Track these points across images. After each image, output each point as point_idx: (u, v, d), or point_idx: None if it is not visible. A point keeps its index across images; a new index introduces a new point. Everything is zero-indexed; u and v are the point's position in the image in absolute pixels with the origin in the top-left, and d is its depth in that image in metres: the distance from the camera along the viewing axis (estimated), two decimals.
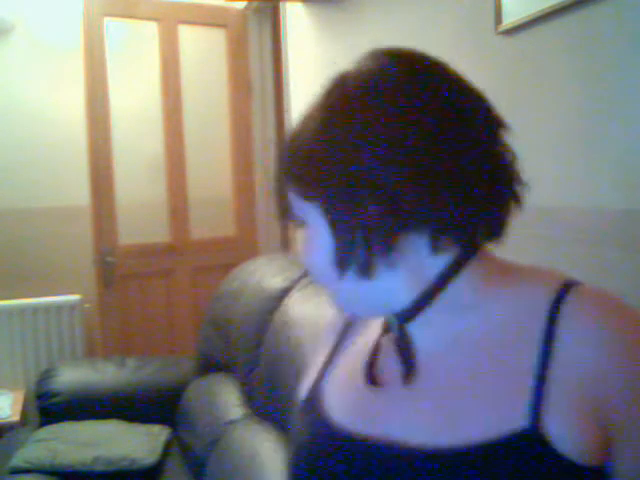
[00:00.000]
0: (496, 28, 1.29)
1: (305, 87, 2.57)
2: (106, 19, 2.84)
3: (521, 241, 1.26)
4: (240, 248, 3.11)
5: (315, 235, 0.66)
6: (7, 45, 2.96)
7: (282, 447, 1.45)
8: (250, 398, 1.78)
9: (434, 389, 0.64)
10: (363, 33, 1.97)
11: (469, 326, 0.64)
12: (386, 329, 0.70)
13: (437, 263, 0.64)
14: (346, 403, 0.70)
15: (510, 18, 1.25)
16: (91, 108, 2.80)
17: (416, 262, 0.64)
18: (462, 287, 0.64)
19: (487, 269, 0.66)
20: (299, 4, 2.56)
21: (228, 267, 2.37)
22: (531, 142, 1.24)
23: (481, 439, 0.58)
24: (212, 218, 3.16)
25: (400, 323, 0.67)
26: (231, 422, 1.75)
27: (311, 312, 1.51)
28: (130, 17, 2.94)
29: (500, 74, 1.34)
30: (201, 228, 3.10)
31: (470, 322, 0.64)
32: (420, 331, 0.66)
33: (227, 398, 1.89)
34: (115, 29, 2.89)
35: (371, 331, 0.75)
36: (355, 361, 0.73)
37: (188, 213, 3.07)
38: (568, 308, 0.60)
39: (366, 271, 0.63)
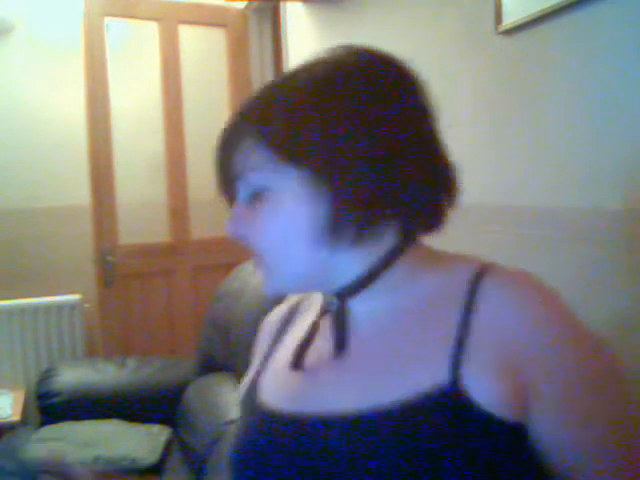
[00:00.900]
0: (496, 28, 1.29)
1: None
2: (106, 19, 2.84)
3: (521, 241, 1.26)
4: (240, 248, 3.10)
5: (282, 203, 0.66)
6: (7, 45, 2.95)
7: None
8: None
9: (364, 361, 0.67)
10: (363, 33, 1.97)
11: (400, 302, 0.68)
12: (323, 311, 0.72)
13: (383, 247, 0.68)
14: (280, 388, 0.73)
15: (510, 18, 1.25)
16: (91, 108, 2.80)
17: (371, 244, 0.67)
18: (399, 269, 0.69)
19: (420, 254, 0.71)
20: (299, 4, 2.56)
21: (228, 267, 2.37)
22: (531, 142, 1.24)
23: (403, 398, 0.60)
24: (212, 218, 3.15)
25: (341, 299, 0.70)
26: (231, 422, 1.75)
27: None
28: (130, 17, 2.94)
29: (500, 74, 1.34)
30: (201, 228, 3.10)
31: (401, 299, 0.68)
32: (356, 308, 0.70)
33: (227, 398, 1.89)
34: (115, 29, 2.90)
35: (308, 318, 0.77)
36: (288, 350, 0.75)
37: (188, 213, 3.07)
38: (488, 279, 0.65)
39: (358, 241, 0.66)
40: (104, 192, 2.85)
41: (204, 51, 3.12)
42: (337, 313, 0.70)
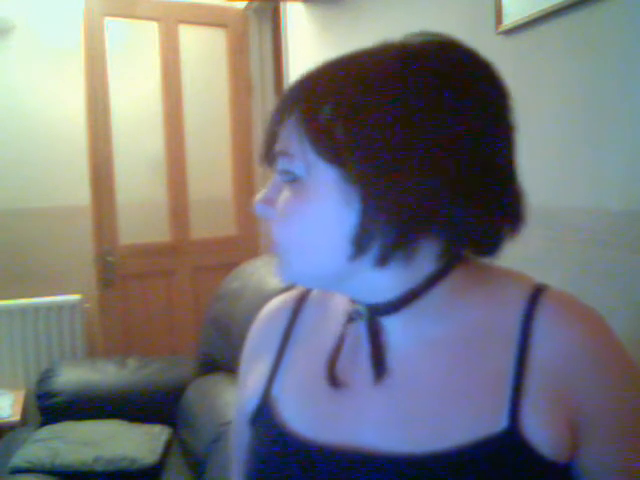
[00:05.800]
0: (496, 28, 1.29)
1: None
2: (106, 19, 2.84)
3: (522, 241, 1.26)
4: (240, 248, 3.11)
5: (312, 199, 0.59)
6: (7, 45, 2.96)
7: None
8: None
9: (409, 392, 0.61)
10: (363, 33, 1.97)
11: (445, 331, 0.62)
12: (349, 318, 0.65)
13: (425, 268, 0.61)
14: (305, 409, 0.65)
15: (510, 18, 1.25)
16: (91, 108, 2.80)
17: (417, 261, 0.60)
18: (443, 292, 0.62)
19: (466, 274, 0.64)
20: (299, 4, 2.56)
21: (228, 267, 2.37)
22: (532, 143, 1.24)
23: (460, 443, 0.57)
24: (212, 218, 3.15)
25: (373, 316, 0.63)
26: (231, 422, 1.75)
27: None
28: (130, 17, 2.94)
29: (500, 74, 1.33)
30: (201, 228, 3.10)
31: (446, 327, 0.62)
32: (394, 330, 0.63)
33: (227, 398, 1.89)
34: (115, 29, 2.89)
35: (328, 325, 0.69)
36: (314, 360, 0.67)
37: (188, 213, 3.07)
38: (541, 310, 0.60)
39: (383, 260, 0.58)
40: (104, 192, 2.85)
41: (204, 51, 3.12)
42: (371, 330, 0.63)
